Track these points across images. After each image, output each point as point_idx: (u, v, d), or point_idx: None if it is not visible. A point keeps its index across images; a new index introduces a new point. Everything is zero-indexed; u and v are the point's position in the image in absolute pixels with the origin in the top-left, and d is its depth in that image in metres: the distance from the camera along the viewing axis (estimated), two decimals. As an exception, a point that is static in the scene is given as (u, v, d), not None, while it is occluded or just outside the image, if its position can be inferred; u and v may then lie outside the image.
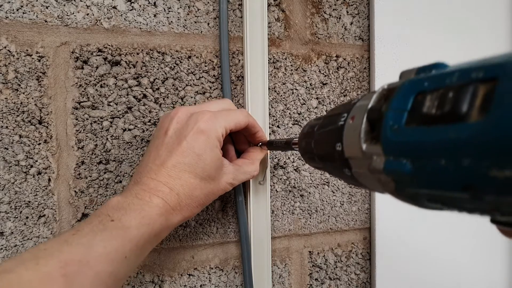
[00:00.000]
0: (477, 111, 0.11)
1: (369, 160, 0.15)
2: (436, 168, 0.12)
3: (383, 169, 0.14)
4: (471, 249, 0.45)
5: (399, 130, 0.13)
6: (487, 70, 0.11)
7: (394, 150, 0.14)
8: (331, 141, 0.19)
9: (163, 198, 0.26)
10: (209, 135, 0.27)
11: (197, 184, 0.27)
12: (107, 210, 0.25)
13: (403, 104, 0.14)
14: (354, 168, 0.17)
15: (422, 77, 0.14)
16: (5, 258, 0.32)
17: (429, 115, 0.12)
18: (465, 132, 0.11)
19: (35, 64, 0.32)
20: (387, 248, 0.42)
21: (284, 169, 0.39)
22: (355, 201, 0.42)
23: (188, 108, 0.29)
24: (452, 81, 0.12)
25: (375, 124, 0.15)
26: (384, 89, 0.16)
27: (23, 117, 0.32)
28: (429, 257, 0.43)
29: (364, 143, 0.16)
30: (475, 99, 0.11)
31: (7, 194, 0.31)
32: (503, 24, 0.45)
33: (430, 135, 0.12)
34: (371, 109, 0.16)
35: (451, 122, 0.11)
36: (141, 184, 0.26)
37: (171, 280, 0.36)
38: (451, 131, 0.11)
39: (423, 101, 0.13)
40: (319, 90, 0.40)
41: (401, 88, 0.14)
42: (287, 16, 0.39)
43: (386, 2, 0.40)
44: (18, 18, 0.31)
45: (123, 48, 0.34)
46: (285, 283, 0.40)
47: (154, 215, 0.25)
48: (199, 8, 0.36)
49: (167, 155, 0.27)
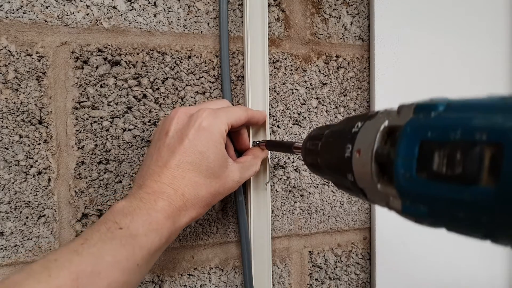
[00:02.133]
0: (487, 174, 0.12)
1: (386, 198, 0.16)
2: (454, 218, 0.13)
3: (401, 211, 0.15)
4: (471, 249, 0.45)
5: (412, 179, 0.14)
6: (490, 134, 0.12)
7: (410, 196, 0.15)
8: (341, 171, 0.19)
9: (168, 200, 0.25)
10: (211, 131, 0.27)
11: (202, 183, 0.27)
12: (113, 216, 0.24)
13: (411, 152, 0.14)
14: (370, 196, 0.18)
15: (423, 123, 0.15)
16: (5, 258, 0.32)
17: (440, 174, 0.13)
18: (480, 196, 0.12)
19: (35, 64, 0.32)
20: (387, 248, 0.42)
21: (284, 169, 0.39)
22: (355, 201, 0.42)
23: (187, 108, 0.29)
24: (456, 138, 0.13)
25: (385, 166, 0.16)
26: (385, 126, 0.17)
27: (23, 117, 0.32)
28: (429, 257, 0.43)
29: (378, 183, 0.17)
30: (483, 162, 0.12)
31: (7, 194, 0.31)
32: (503, 24, 0.45)
33: (445, 191, 0.13)
34: (378, 152, 0.16)
35: (463, 183, 0.12)
36: (145, 187, 0.26)
37: (171, 280, 0.36)
38: (465, 193, 0.12)
39: (430, 155, 0.14)
40: (319, 90, 0.40)
41: (404, 133, 0.15)
42: (287, 16, 0.39)
43: (386, 2, 0.40)
44: (18, 18, 0.31)
45: (123, 48, 0.34)
46: (285, 283, 0.40)
47: (161, 219, 0.24)
48: (199, 8, 0.36)
49: (170, 155, 0.26)
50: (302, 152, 0.26)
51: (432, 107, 0.15)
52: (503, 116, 0.12)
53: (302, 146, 0.27)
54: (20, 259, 0.32)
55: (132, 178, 0.34)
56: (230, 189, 0.29)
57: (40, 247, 0.32)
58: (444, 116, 0.14)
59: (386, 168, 0.16)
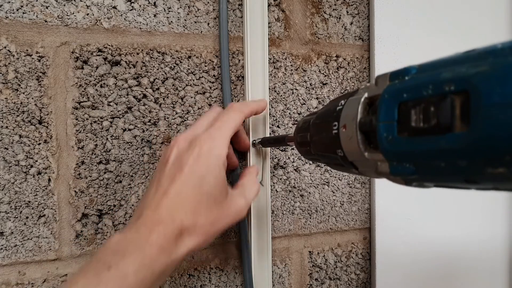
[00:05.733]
0: (459, 121, 0.13)
1: (374, 164, 0.17)
2: (437, 169, 0.14)
3: (389, 172, 0.16)
4: (471, 249, 0.45)
5: (394, 140, 0.15)
6: (457, 84, 0.13)
7: (395, 157, 0.16)
8: (331, 148, 0.20)
9: (163, 232, 0.24)
10: (210, 157, 0.26)
11: (202, 210, 0.26)
12: (105, 253, 0.23)
13: (391, 115, 0.15)
14: (361, 168, 0.19)
15: (399, 87, 0.16)
16: (5, 258, 0.32)
17: (418, 128, 0.14)
18: (455, 142, 0.13)
19: (35, 64, 0.32)
20: (387, 248, 0.42)
21: (284, 169, 0.39)
22: (355, 201, 0.42)
23: (186, 136, 0.28)
24: (428, 93, 0.14)
25: (369, 134, 0.17)
26: (365, 98, 0.18)
27: (23, 117, 0.32)
28: (429, 257, 0.43)
29: (365, 151, 0.17)
30: (454, 111, 0.13)
31: (7, 194, 0.31)
32: (503, 25, 0.45)
33: (425, 144, 0.14)
34: (362, 122, 0.17)
35: (440, 133, 0.13)
36: (142, 218, 0.25)
37: (171, 280, 0.36)
38: (442, 142, 0.13)
39: (408, 113, 0.15)
40: (319, 90, 0.40)
41: (383, 99, 0.16)
42: (287, 16, 0.39)
43: (386, 2, 0.40)
44: (18, 18, 0.31)
45: (123, 48, 0.34)
46: (285, 283, 0.40)
47: (154, 254, 0.23)
48: (199, 8, 0.36)
49: (170, 184, 0.26)
50: (295, 143, 0.27)
51: (405, 72, 0.16)
52: (466, 66, 0.13)
53: (293, 137, 0.27)
54: (20, 259, 0.32)
55: (132, 179, 0.34)
56: (234, 215, 0.28)
57: (40, 247, 0.32)
58: (417, 77, 0.15)
59: (370, 136, 0.17)
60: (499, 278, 0.47)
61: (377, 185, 0.41)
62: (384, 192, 0.41)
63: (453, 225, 0.44)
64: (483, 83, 0.12)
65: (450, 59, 0.14)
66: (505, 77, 0.11)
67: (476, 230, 0.45)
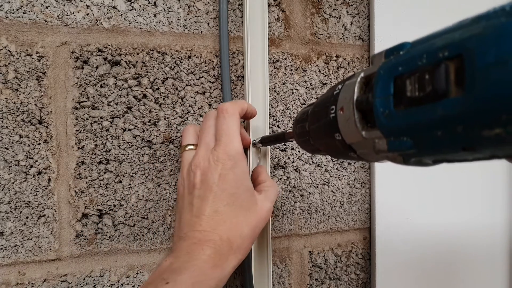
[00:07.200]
0: (454, 86, 0.12)
1: (372, 143, 0.17)
2: (435, 139, 0.14)
3: (387, 149, 0.16)
4: (472, 250, 0.45)
5: (391, 114, 0.15)
6: (450, 49, 0.12)
7: (392, 132, 0.15)
8: (329, 133, 0.20)
9: (215, 248, 0.25)
10: (232, 167, 0.27)
11: (242, 221, 0.27)
12: (161, 273, 0.24)
13: (386, 90, 0.15)
14: (359, 150, 0.19)
15: (394, 62, 0.15)
16: (5, 258, 0.32)
17: (413, 98, 0.14)
18: (451, 107, 0.12)
19: (35, 64, 0.32)
20: (387, 248, 0.42)
21: (284, 169, 0.39)
22: (355, 201, 0.42)
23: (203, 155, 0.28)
24: (423, 63, 0.14)
25: (366, 112, 0.17)
26: (362, 77, 0.18)
27: (23, 117, 0.32)
28: (429, 257, 0.43)
29: (362, 130, 0.17)
30: (449, 76, 0.13)
31: (7, 194, 0.31)
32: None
33: (421, 114, 0.14)
34: (358, 100, 0.17)
35: (435, 100, 0.13)
36: (188, 239, 0.26)
37: (171, 280, 0.36)
38: (438, 109, 0.13)
39: (403, 85, 0.14)
40: (319, 90, 0.40)
41: (379, 76, 0.16)
42: (287, 16, 0.39)
43: (386, 2, 0.40)
44: (18, 18, 0.31)
45: (123, 48, 0.34)
46: (285, 283, 0.40)
47: (208, 270, 0.25)
48: (199, 8, 0.36)
49: (204, 205, 0.27)
50: (294, 134, 0.27)
51: (400, 47, 0.16)
52: (460, 32, 0.13)
53: (292, 130, 0.27)
54: (20, 259, 0.32)
55: (132, 179, 0.34)
56: (265, 218, 0.30)
57: (40, 247, 0.32)
58: (411, 51, 0.15)
59: (368, 116, 0.17)
60: (499, 278, 0.47)
61: (377, 185, 0.41)
62: (384, 192, 0.41)
63: (453, 226, 0.44)
64: (477, 44, 0.11)
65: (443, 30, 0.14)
66: (499, 37, 0.11)
67: (476, 231, 0.45)
